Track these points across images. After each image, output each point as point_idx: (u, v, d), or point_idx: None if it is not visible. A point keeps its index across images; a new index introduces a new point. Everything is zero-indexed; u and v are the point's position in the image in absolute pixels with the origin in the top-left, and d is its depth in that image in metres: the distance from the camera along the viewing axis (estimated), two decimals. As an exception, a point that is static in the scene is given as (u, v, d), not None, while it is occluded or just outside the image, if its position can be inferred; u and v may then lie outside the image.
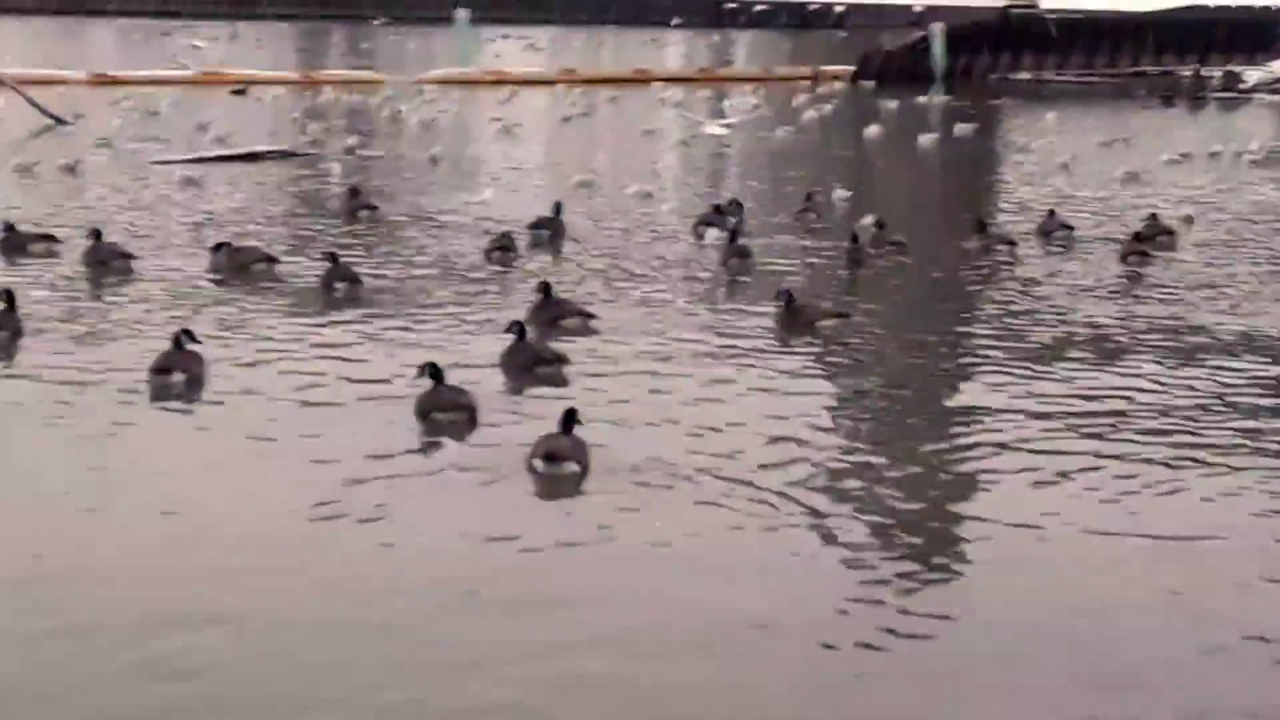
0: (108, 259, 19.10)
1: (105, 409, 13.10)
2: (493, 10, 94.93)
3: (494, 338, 15.39)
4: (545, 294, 16.64)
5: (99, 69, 51.85)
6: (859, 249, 20.96)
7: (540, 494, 11.39)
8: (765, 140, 38.36)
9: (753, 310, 17.42)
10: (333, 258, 18.55)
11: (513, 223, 22.31)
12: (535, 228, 22.21)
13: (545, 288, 16.77)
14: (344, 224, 23.43)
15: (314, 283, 18.28)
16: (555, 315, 16.38)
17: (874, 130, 39.79)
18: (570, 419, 11.83)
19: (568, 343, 15.49)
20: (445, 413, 12.91)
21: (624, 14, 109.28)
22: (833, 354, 15.93)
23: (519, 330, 14.81)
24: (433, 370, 13.15)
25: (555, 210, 22.81)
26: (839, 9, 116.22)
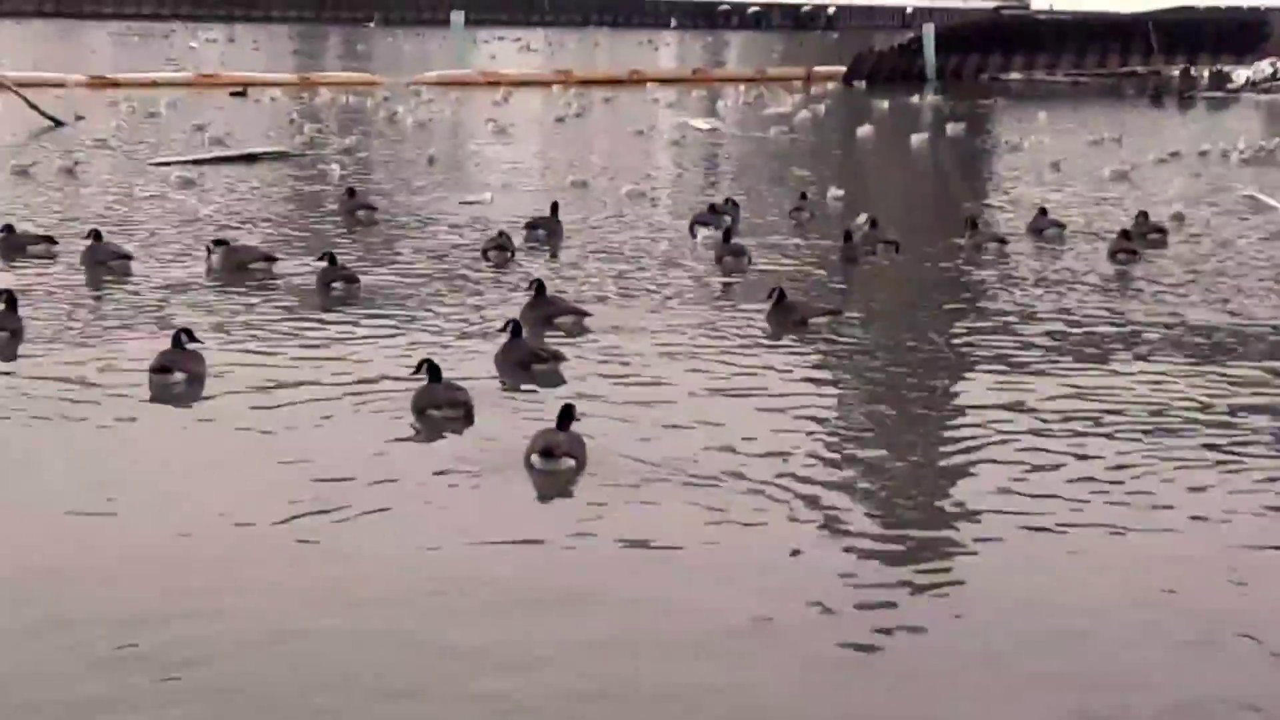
0: (106, 259, 19.05)
1: (105, 408, 13.05)
2: (488, 12, 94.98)
3: (490, 336, 15.39)
4: (538, 292, 16.61)
5: (97, 71, 51.77)
6: (853, 247, 20.99)
7: (537, 489, 11.35)
8: (758, 140, 38.36)
9: (747, 308, 17.39)
10: (330, 257, 18.51)
11: (509, 222, 22.29)
12: (532, 227, 22.19)
13: (538, 286, 16.73)
14: (341, 224, 23.39)
15: (311, 282, 18.25)
16: (549, 313, 16.35)
17: (866, 130, 39.80)
18: (567, 415, 11.81)
19: (563, 340, 15.46)
20: (441, 409, 12.88)
21: (618, 16, 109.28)
22: (827, 351, 15.90)
23: (515, 328, 14.78)
24: (430, 367, 13.14)
25: (552, 210, 22.78)
26: (831, 10, 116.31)
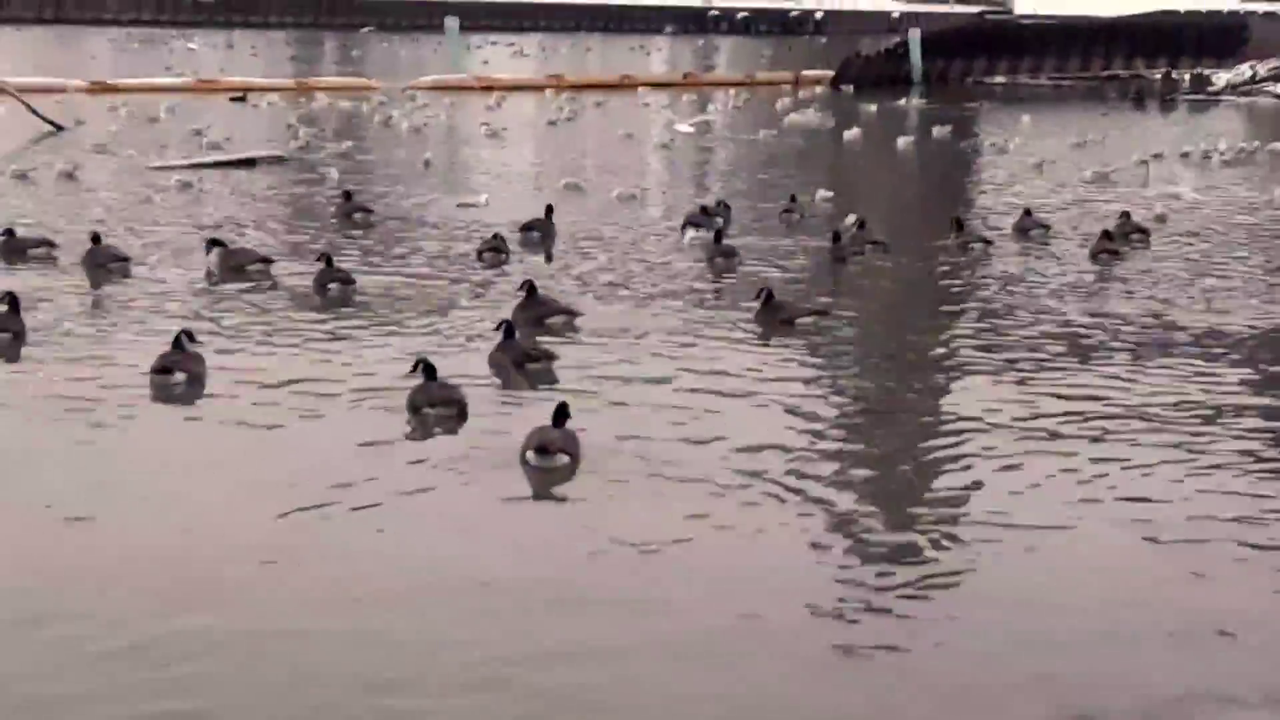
0: (105, 262, 19.05)
1: (107, 408, 13.04)
2: (482, 18, 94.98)
3: (484, 336, 15.39)
4: (530, 293, 16.62)
5: (97, 76, 51.71)
6: (841, 248, 21.06)
7: (532, 485, 11.37)
8: (748, 142, 38.37)
9: (737, 308, 17.40)
10: (326, 259, 18.51)
11: (503, 225, 22.29)
12: (526, 229, 22.20)
13: (530, 287, 16.74)
14: (338, 227, 23.39)
15: (308, 283, 18.24)
16: (540, 313, 16.35)
17: (854, 133, 39.82)
18: (562, 413, 11.83)
19: (556, 340, 15.46)
20: (436, 408, 12.89)
21: (610, 22, 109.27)
22: (814, 350, 15.92)
23: (508, 328, 14.79)
24: (425, 366, 13.15)
25: (546, 213, 22.80)
26: (819, 15, 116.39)
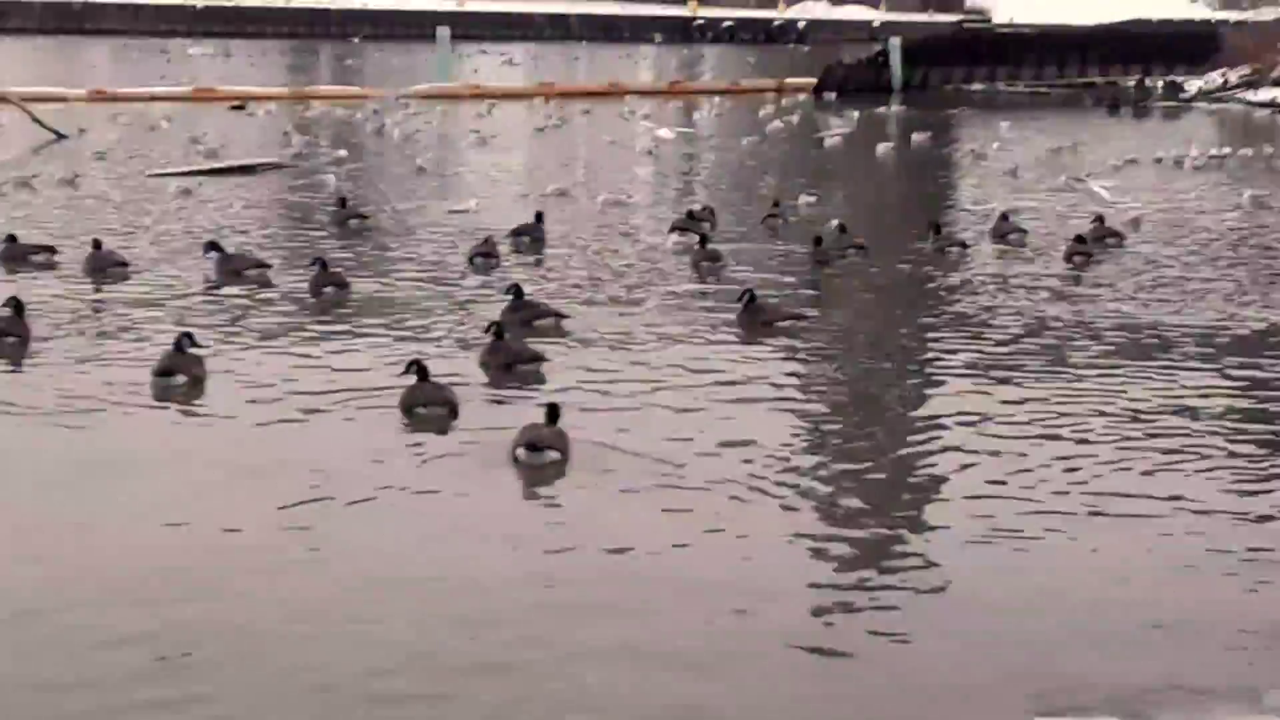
0: (106, 267, 19.06)
1: (109, 409, 13.09)
2: (473, 28, 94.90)
3: (475, 338, 15.41)
4: (517, 296, 16.63)
5: (98, 85, 51.61)
6: (823, 251, 21.13)
7: (521, 482, 11.42)
8: (733, 149, 38.39)
9: (722, 310, 17.45)
10: (321, 263, 18.52)
11: (494, 229, 22.30)
12: (517, 234, 22.22)
13: (516, 290, 16.75)
14: (334, 232, 23.38)
15: (304, 287, 18.24)
16: (528, 316, 16.37)
17: (836, 140, 39.84)
18: (553, 412, 11.88)
19: (544, 342, 15.48)
20: (428, 408, 12.91)
21: (598, 31, 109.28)
22: (796, 351, 15.97)
23: (498, 331, 14.82)
24: (418, 367, 13.18)
25: (537, 218, 22.82)
26: (801, 25, 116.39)
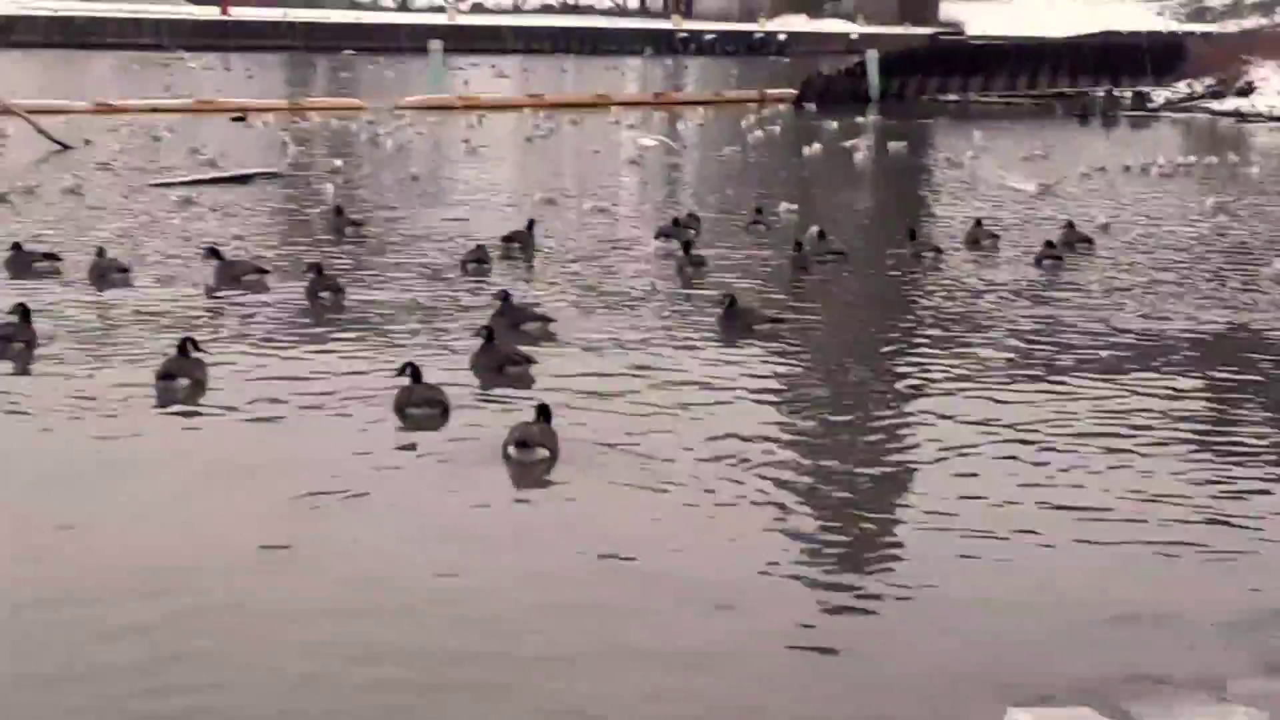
0: (108, 273, 19.04)
1: (115, 412, 13.05)
2: (464, 41, 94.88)
3: (467, 341, 15.42)
4: (505, 300, 16.63)
5: (101, 98, 51.49)
6: (803, 256, 21.16)
7: (511, 480, 11.41)
8: (715, 158, 38.47)
9: (705, 314, 17.47)
10: (317, 269, 18.52)
11: (486, 236, 22.31)
12: (507, 241, 22.24)
13: (504, 295, 16.76)
14: (330, 240, 23.37)
15: (301, 292, 18.23)
16: (515, 320, 16.37)
17: (815, 148, 39.92)
18: (543, 412, 11.90)
19: (531, 346, 15.48)
20: (420, 408, 12.92)
21: (586, 44, 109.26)
22: (778, 353, 15.99)
23: (488, 334, 14.83)
24: (412, 369, 13.19)
25: (527, 225, 22.84)
26: (782, 37, 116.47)
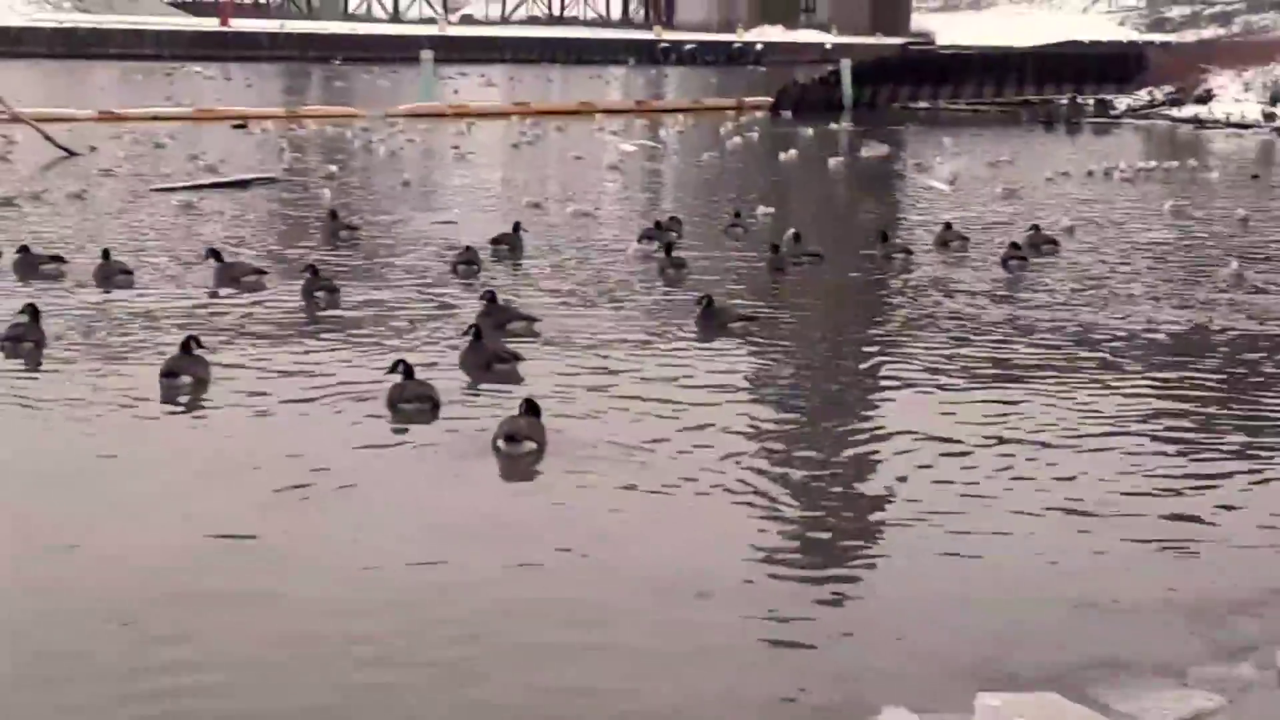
0: (113, 275, 19.08)
1: (120, 409, 13.09)
2: (454, 51, 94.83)
3: (456, 340, 15.49)
4: (491, 301, 16.71)
5: (105, 106, 51.42)
6: (780, 258, 21.23)
7: (499, 473, 11.47)
8: (694, 164, 38.54)
9: (682, 314, 17.55)
10: (313, 270, 18.58)
11: (475, 240, 22.37)
12: (496, 243, 22.30)
13: (490, 296, 16.83)
14: (326, 243, 23.41)
15: (298, 293, 18.28)
16: (501, 320, 16.44)
17: (791, 154, 40.02)
18: (531, 406, 11.97)
19: (517, 344, 15.53)
20: (412, 403, 12.99)
21: (570, 54, 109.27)
22: (755, 352, 16.07)
23: (477, 332, 14.90)
24: (404, 366, 13.25)
25: (515, 228, 22.91)
26: (759, 47, 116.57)
